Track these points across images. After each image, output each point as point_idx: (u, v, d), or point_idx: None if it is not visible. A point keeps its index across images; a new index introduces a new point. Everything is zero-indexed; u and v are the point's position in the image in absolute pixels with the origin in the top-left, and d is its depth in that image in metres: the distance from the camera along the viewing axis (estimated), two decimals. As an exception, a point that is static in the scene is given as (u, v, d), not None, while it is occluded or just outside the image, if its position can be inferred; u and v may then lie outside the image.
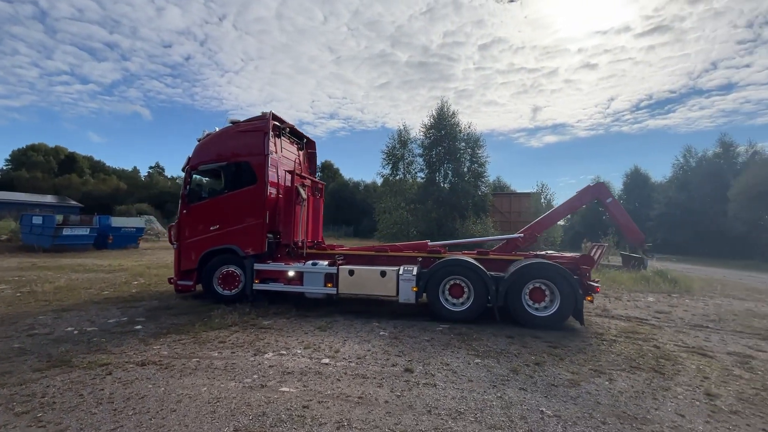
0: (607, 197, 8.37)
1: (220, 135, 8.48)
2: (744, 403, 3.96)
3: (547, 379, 4.42)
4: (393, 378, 4.33)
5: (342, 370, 4.55)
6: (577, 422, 3.44)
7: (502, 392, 4.02)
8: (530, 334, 6.21)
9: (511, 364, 4.87)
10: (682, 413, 3.69)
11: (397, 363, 4.81)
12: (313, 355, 5.03)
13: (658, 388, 4.28)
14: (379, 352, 5.22)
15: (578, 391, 4.10)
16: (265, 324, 6.48)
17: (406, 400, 3.81)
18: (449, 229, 18.69)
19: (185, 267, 8.33)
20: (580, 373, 4.64)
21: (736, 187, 32.58)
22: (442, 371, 4.58)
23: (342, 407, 3.61)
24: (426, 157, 23.27)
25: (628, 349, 5.65)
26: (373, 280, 7.35)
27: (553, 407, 3.71)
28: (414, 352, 5.26)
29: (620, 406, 3.79)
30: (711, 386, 4.35)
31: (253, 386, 4.03)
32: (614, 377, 4.54)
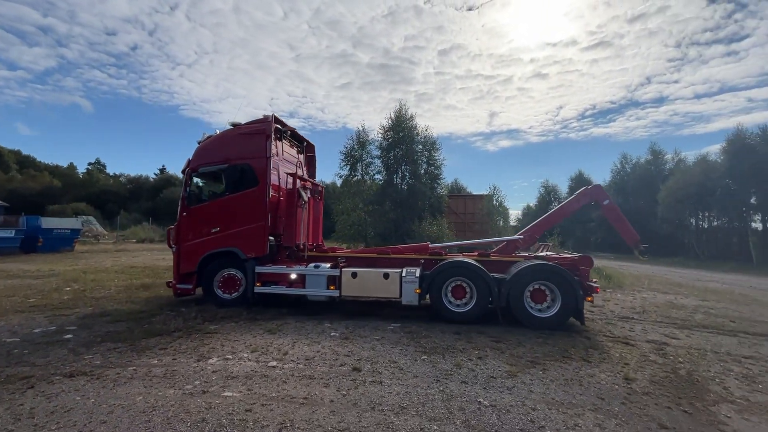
0: (604, 199, 8.46)
1: (220, 137, 8.41)
2: (655, 385, 4.42)
3: (488, 371, 4.67)
4: (340, 377, 4.38)
5: (289, 372, 4.52)
6: (510, 410, 3.68)
7: (445, 386, 4.20)
8: (476, 330, 6.51)
9: (456, 359, 5.09)
10: (602, 396, 4.05)
11: (346, 363, 4.85)
12: (260, 359, 4.94)
13: (585, 375, 4.67)
14: (329, 352, 5.24)
15: (514, 382, 4.37)
16: (212, 329, 6.27)
17: (351, 398, 3.87)
18: (406, 229, 19.02)
19: (185, 270, 8.11)
20: (517, 364, 4.94)
21: (663, 191, 35.97)
22: (390, 369, 4.69)
23: (286, 409, 3.60)
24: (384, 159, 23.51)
25: (563, 341, 6.09)
26: (376, 282, 7.35)
27: (490, 398, 3.94)
28: (363, 351, 5.33)
29: (550, 393, 4.09)
30: (629, 371, 4.81)
31: (194, 392, 3.91)
32: (548, 367, 4.89)
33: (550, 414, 3.63)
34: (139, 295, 9.00)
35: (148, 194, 57.86)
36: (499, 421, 3.47)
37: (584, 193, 8.54)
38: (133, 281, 10.82)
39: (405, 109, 23.52)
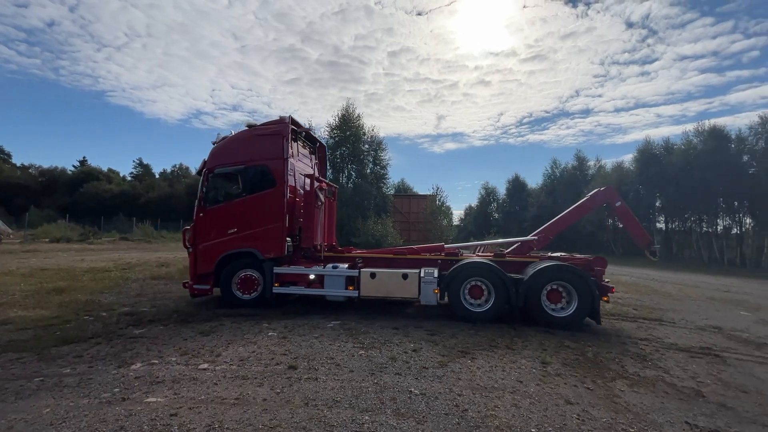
0: (616, 201, 8.51)
1: (236, 139, 8.40)
2: (566, 367, 4.94)
3: (421, 362, 4.90)
4: (275, 376, 4.34)
5: (221, 373, 4.39)
6: (438, 397, 3.91)
7: (379, 378, 4.35)
8: (413, 325, 6.77)
9: (392, 352, 5.26)
10: (521, 380, 4.45)
11: (282, 361, 4.82)
12: (189, 362, 4.74)
13: (508, 361, 5.08)
14: (265, 352, 5.16)
15: (444, 371, 4.64)
16: (136, 333, 5.87)
17: (285, 395, 3.86)
18: (352, 228, 19.09)
19: (201, 271, 8.03)
20: (449, 355, 5.24)
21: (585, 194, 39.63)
22: (326, 365, 4.74)
23: (215, 411, 3.51)
24: (330, 157, 23.38)
25: (492, 332, 6.54)
26: (395, 282, 7.41)
27: (421, 387, 4.15)
28: (301, 349, 5.32)
29: (476, 380, 4.41)
30: (546, 356, 5.32)
31: (112, 401, 3.66)
32: (476, 356, 5.24)
33: (474, 398, 3.92)
34: (50, 300, 8.11)
35: (64, 188, 51.89)
36: (427, 407, 3.68)
37: (598, 195, 8.65)
38: (44, 285, 9.70)
39: (352, 108, 23.61)
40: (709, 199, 32.03)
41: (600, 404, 3.87)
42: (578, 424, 3.45)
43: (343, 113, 23.43)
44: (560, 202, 45.42)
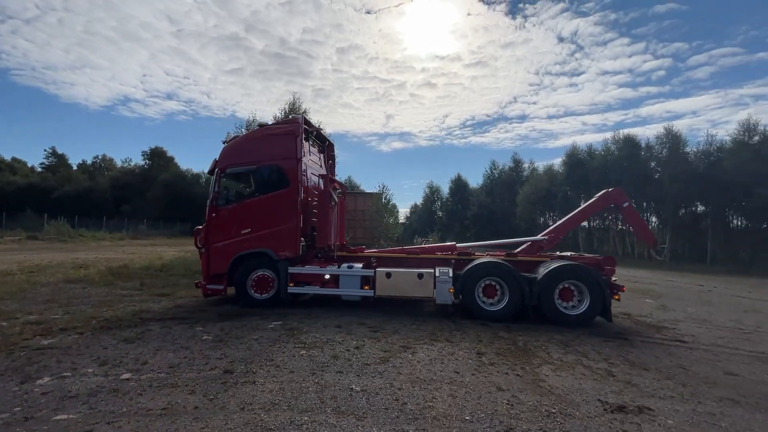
0: (624, 202, 8.66)
1: (248, 138, 8.53)
2: (499, 356, 5.25)
3: (363, 359, 4.93)
4: (209, 382, 4.11)
5: (147, 383, 4.05)
6: (379, 392, 3.96)
7: (320, 378, 4.30)
8: (356, 322, 6.79)
9: (334, 350, 5.23)
10: (458, 371, 4.66)
11: (217, 366, 4.57)
12: (110, 372, 4.32)
13: (447, 353, 5.29)
14: (198, 357, 4.86)
15: (386, 366, 4.71)
16: (44, 344, 5.22)
17: (219, 402, 3.67)
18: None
19: (215, 271, 8.01)
20: (391, 350, 5.33)
21: (521, 194, 42.57)
22: (265, 367, 4.58)
23: (138, 423, 3.23)
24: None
25: (433, 326, 6.76)
26: (410, 282, 7.44)
27: (362, 383, 4.17)
28: (238, 352, 5.09)
29: (416, 373, 4.53)
30: (481, 347, 5.62)
31: (12, 422, 3.22)
32: (417, 350, 5.39)
33: (414, 391, 4.02)
34: (-67, 309, 6.93)
35: (-46, 179, 44.65)
36: (368, 403, 3.71)
37: (606, 196, 8.79)
38: (-75, 292, 8.27)
39: (299, 103, 22.98)
40: (623, 200, 35.91)
41: (527, 389, 4.18)
42: (508, 408, 3.69)
43: (289, 107, 22.73)
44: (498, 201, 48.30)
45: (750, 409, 3.88)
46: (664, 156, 33.19)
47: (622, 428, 3.38)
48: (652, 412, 3.71)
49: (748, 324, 8.01)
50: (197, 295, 8.92)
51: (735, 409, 3.86)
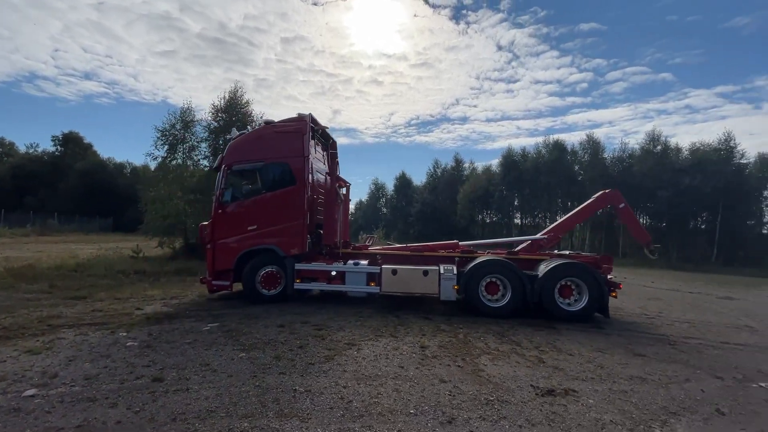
0: (620, 203, 8.94)
1: (255, 135, 8.58)
2: (442, 349, 5.43)
3: (307, 359, 4.81)
4: (134, 393, 3.73)
5: (57, 398, 3.58)
6: (324, 392, 3.88)
7: (261, 380, 4.11)
8: (300, 321, 6.61)
9: (276, 351, 5.04)
10: (402, 365, 4.72)
11: (144, 374, 4.17)
12: (9, 389, 3.75)
13: (391, 349, 5.34)
14: (121, 366, 4.40)
15: (331, 365, 4.64)
16: None
17: (146, 413, 3.35)
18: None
19: (220, 267, 8.08)
20: (336, 348, 5.26)
21: (461, 193, 44.49)
22: (200, 373, 4.27)
23: (46, 445, 2.84)
24: (213, 143, 21.10)
25: (378, 322, 6.80)
26: (415, 279, 7.61)
27: (306, 384, 4.06)
28: (169, 358, 4.69)
29: (361, 370, 4.52)
30: (425, 340, 5.77)
31: None
32: (362, 347, 5.38)
33: (359, 388, 4.00)
34: None
35: None
36: (312, 404, 3.62)
37: (603, 197, 9.13)
38: None
39: (241, 92, 21.62)
40: (552, 200, 39.16)
41: (468, 379, 4.36)
42: (450, 399, 3.82)
43: (230, 96, 21.32)
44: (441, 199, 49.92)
45: (654, 385, 4.41)
46: (586, 160, 36.71)
47: (552, 410, 3.66)
48: (576, 393, 4.07)
49: (651, 310, 9.13)
50: (122, 297, 8.11)
51: (643, 386, 4.37)
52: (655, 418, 3.60)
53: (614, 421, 3.50)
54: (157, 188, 19.21)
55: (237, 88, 21.49)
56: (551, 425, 3.37)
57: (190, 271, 12.39)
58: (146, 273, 12.00)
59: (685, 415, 3.69)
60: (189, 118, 21.29)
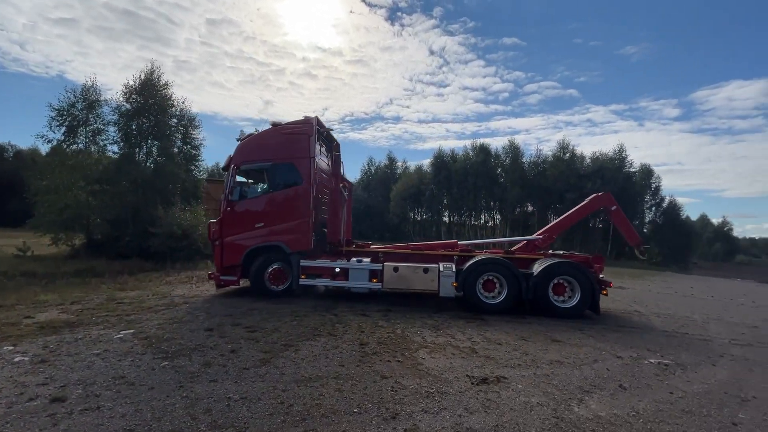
0: (612, 205, 9.23)
1: (263, 136, 8.80)
2: (381, 345, 5.45)
3: (240, 364, 4.50)
4: (27, 417, 3.15)
5: None
6: (261, 397, 3.66)
7: (189, 391, 3.74)
8: (230, 323, 6.18)
9: (205, 357, 4.64)
10: (343, 364, 4.65)
11: (40, 394, 3.55)
12: None
13: (331, 347, 5.24)
14: (8, 387, 3.70)
15: (267, 368, 4.39)
16: None
17: (45, 441, 2.85)
18: (149, 216, 15.82)
19: (228, 263, 8.40)
20: (272, 350, 5.00)
21: (394, 191, 45.45)
22: (113, 387, 3.76)
23: None
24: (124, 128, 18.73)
25: (315, 320, 6.63)
26: (416, 276, 7.94)
27: (241, 390, 3.79)
28: (72, 373, 4.06)
29: (300, 372, 4.35)
30: (364, 337, 5.75)
31: None
32: (300, 347, 5.19)
33: (299, 391, 3.85)
34: None
35: None
36: (249, 411, 3.39)
37: (596, 199, 9.46)
38: None
39: (159, 73, 19.48)
40: (477, 200, 41.82)
41: (408, 373, 4.44)
42: (392, 395, 3.85)
43: (146, 77, 19.09)
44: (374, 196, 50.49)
45: (570, 367, 4.92)
46: (507, 164, 39.87)
47: (487, 398, 3.88)
48: (507, 380, 4.37)
49: (563, 300, 10.17)
50: (5, 304, 6.85)
51: (561, 368, 4.84)
52: (573, 397, 4.01)
53: (540, 402, 3.82)
54: (52, 176, 16.59)
55: (154, 68, 19.38)
56: (487, 412, 3.57)
57: (94, 272, 10.97)
58: (37, 275, 10.33)
59: (596, 392, 4.17)
60: (93, 97, 18.72)
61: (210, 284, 10.24)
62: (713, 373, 4.95)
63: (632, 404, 3.88)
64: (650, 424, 3.49)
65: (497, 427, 3.30)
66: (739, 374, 4.92)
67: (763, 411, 3.86)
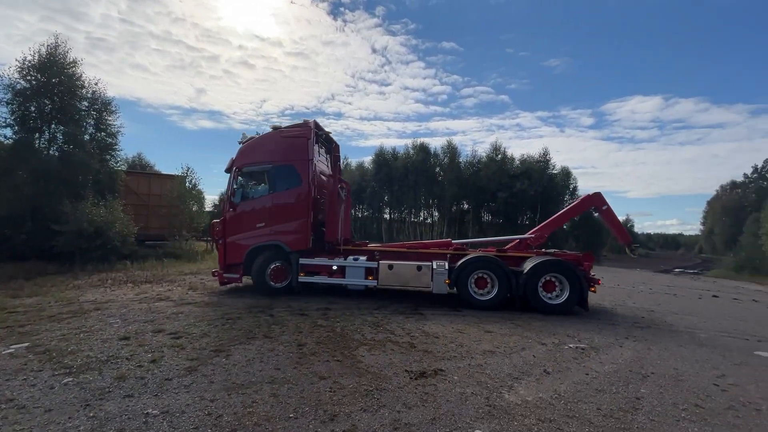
0: (603, 205, 9.30)
1: (264, 139, 9.20)
2: (320, 345, 5.31)
3: (162, 374, 4.08)
4: None
5: None
6: (186, 410, 3.34)
7: (98, 409, 3.30)
8: (151, 330, 5.61)
9: (119, 370, 4.14)
10: (279, 367, 4.44)
11: None
12: None
13: (266, 350, 4.98)
14: None
15: (194, 377, 4.04)
16: None
17: None
18: (52, 212, 13.80)
19: (231, 261, 8.88)
20: (199, 357, 4.62)
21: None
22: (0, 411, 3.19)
23: None
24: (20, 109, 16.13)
25: (249, 323, 6.28)
26: (410, 273, 8.23)
27: (161, 404, 3.43)
28: (-59, 399, 3.37)
29: (231, 378, 4.06)
30: (302, 338, 5.56)
31: None
32: (232, 352, 4.86)
33: (230, 399, 3.58)
34: None
35: None
36: (171, 427, 3.07)
37: (587, 199, 9.53)
38: None
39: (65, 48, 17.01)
40: (417, 197, 42.90)
41: (347, 372, 4.36)
42: (330, 396, 3.74)
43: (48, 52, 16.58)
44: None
45: (501, 356, 5.19)
46: (445, 164, 41.40)
47: (424, 391, 3.94)
48: (444, 372, 4.49)
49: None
50: None
51: (493, 358, 5.10)
52: (504, 384, 4.23)
53: (474, 392, 3.97)
54: None
55: (59, 43, 16.95)
56: (425, 405, 3.62)
57: (-21, 277, 9.29)
58: None
59: (524, 378, 4.45)
60: (-21, 71, 15.90)
61: (146, 286, 9.59)
62: (620, 353, 5.55)
63: (555, 387, 4.20)
64: (570, 404, 3.79)
65: (434, 420, 3.36)
66: (641, 353, 5.57)
67: (660, 385, 4.39)
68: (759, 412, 3.79)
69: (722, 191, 62.71)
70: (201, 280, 10.98)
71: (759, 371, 5.03)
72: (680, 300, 11.29)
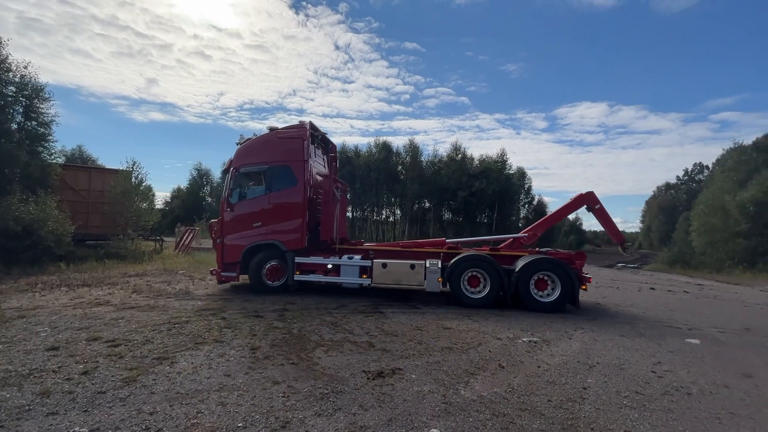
0: (596, 204, 9.37)
1: (260, 141, 9.42)
2: (275, 348, 5.10)
3: (95, 387, 3.71)
4: None
5: None
6: (120, 426, 3.04)
7: (14, 431, 2.92)
8: (86, 338, 5.12)
9: (43, 385, 3.71)
10: (229, 373, 4.19)
11: None
12: None
13: (216, 356, 4.69)
14: None
15: (131, 389, 3.71)
16: None
17: None
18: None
19: (228, 260, 9.06)
20: (140, 366, 4.26)
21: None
22: None
23: None
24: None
25: (198, 326, 5.92)
26: (403, 272, 8.30)
27: (91, 421, 3.10)
28: None
29: (175, 388, 3.77)
30: (256, 341, 5.31)
31: None
32: (177, 359, 4.53)
33: (172, 411, 3.32)
34: None
35: None
36: (101, 446, 2.78)
37: (580, 198, 9.57)
38: None
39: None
40: (379, 195, 42.98)
41: (302, 376, 4.20)
42: (284, 401, 3.58)
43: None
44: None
45: (459, 352, 5.25)
46: (408, 162, 41.79)
47: (382, 391, 3.87)
48: (402, 371, 4.45)
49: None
50: None
51: (451, 354, 5.14)
52: (460, 380, 4.26)
53: (432, 390, 3.96)
54: None
55: (-20, 19, 15.13)
56: (381, 406, 3.56)
57: None
58: None
59: (480, 373, 4.51)
60: None
61: (82, 290, 8.79)
62: (570, 345, 5.81)
63: (509, 381, 4.29)
64: (523, 397, 3.88)
65: (390, 420, 3.30)
66: (588, 344, 5.87)
67: (604, 374, 4.63)
68: (690, 396, 4.09)
69: (658, 192, 68.59)
70: (147, 282, 10.26)
71: (689, 357, 5.46)
72: (622, 293, 12.09)
